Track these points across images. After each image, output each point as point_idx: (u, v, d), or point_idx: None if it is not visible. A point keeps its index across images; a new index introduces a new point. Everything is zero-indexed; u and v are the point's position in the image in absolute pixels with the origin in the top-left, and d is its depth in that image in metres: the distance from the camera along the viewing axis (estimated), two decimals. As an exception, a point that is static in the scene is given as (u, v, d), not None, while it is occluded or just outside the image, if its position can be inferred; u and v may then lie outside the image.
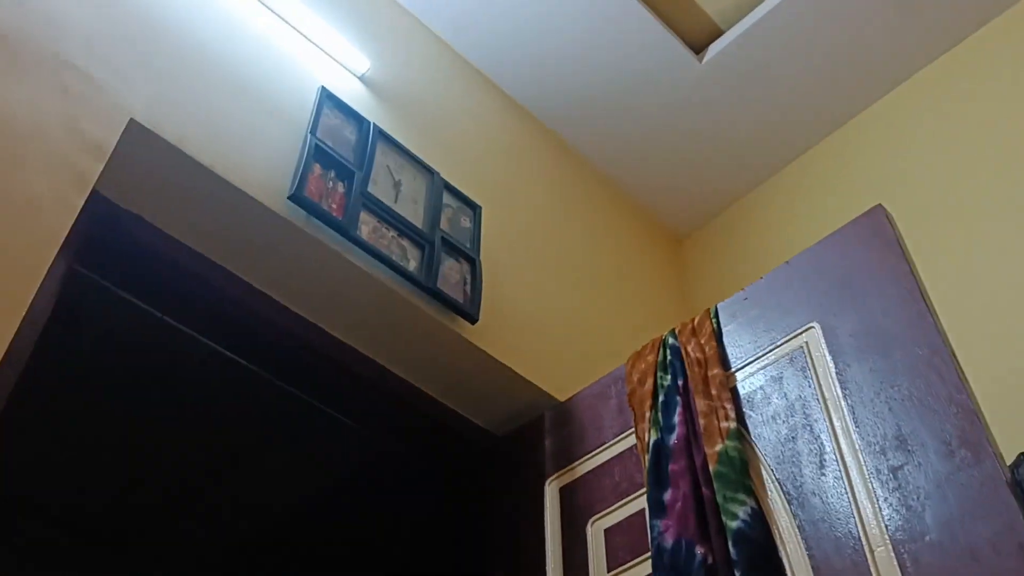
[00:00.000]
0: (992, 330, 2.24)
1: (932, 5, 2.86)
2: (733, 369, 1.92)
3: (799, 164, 3.29)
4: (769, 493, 1.71)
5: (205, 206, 1.92)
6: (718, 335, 1.99)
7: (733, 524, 1.65)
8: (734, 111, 3.17)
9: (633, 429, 2.01)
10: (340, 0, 2.58)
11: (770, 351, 1.87)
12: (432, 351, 2.22)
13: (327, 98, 2.22)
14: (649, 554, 1.77)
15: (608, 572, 1.90)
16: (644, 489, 1.87)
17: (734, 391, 1.88)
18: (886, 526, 1.50)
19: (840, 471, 1.62)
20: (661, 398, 1.95)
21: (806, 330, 1.83)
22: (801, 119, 3.18)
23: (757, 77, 3.08)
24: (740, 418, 1.83)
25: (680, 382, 1.95)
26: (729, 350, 1.96)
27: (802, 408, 1.75)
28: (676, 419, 1.88)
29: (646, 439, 1.92)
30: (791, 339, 1.85)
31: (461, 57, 2.95)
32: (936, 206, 2.62)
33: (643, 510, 1.86)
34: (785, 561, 1.61)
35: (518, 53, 3.00)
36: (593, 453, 2.11)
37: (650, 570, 1.75)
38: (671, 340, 2.06)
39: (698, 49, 3.09)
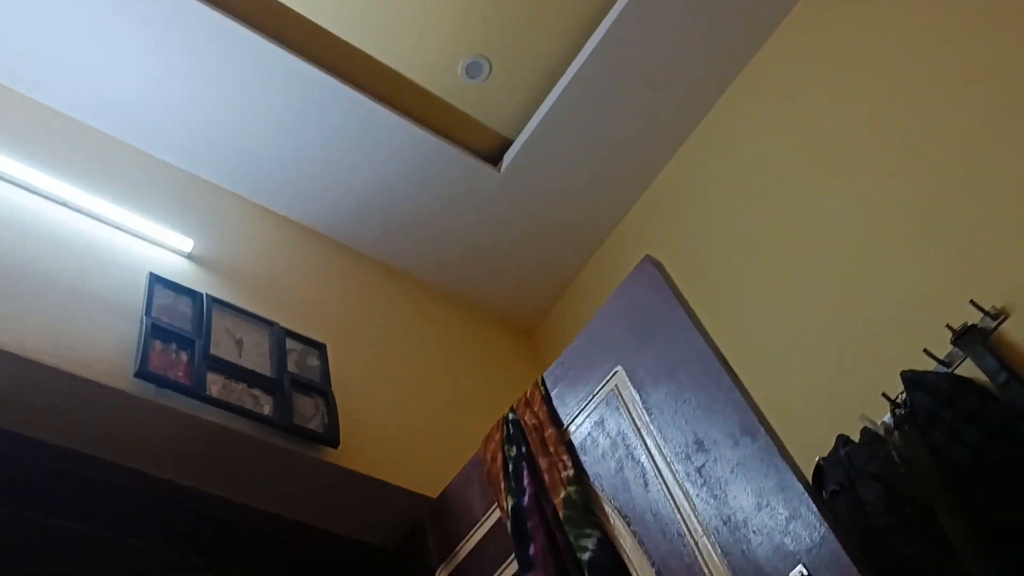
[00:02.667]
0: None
1: (678, 84, 3.29)
2: (565, 425, 2.16)
3: (611, 240, 3.64)
4: (612, 521, 1.93)
5: (59, 401, 2.09)
6: (547, 400, 2.24)
7: (585, 556, 1.87)
8: (541, 206, 3.51)
9: (496, 503, 2.22)
10: (158, 193, 2.83)
11: (590, 400, 2.12)
12: (304, 483, 2.40)
13: (156, 281, 2.44)
14: (530, 608, 1.96)
15: (500, 635, 2.08)
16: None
17: (568, 444, 2.12)
18: (702, 519, 1.74)
19: (660, 484, 1.86)
20: (510, 467, 2.17)
21: (613, 375, 2.09)
22: (601, 202, 3.54)
23: (553, 171, 3.43)
24: (577, 465, 2.06)
25: (524, 449, 2.18)
26: (559, 410, 2.21)
27: (623, 441, 1.99)
28: (525, 482, 2.10)
29: (506, 507, 2.13)
30: (604, 385, 2.11)
31: (281, 216, 3.20)
32: (713, 251, 3.10)
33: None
34: (634, 574, 1.83)
35: (336, 200, 3.27)
36: (469, 535, 2.30)
37: (533, 621, 1.94)
38: (511, 415, 2.29)
39: (495, 160, 3.43)
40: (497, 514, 2.23)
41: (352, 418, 2.57)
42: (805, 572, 1.51)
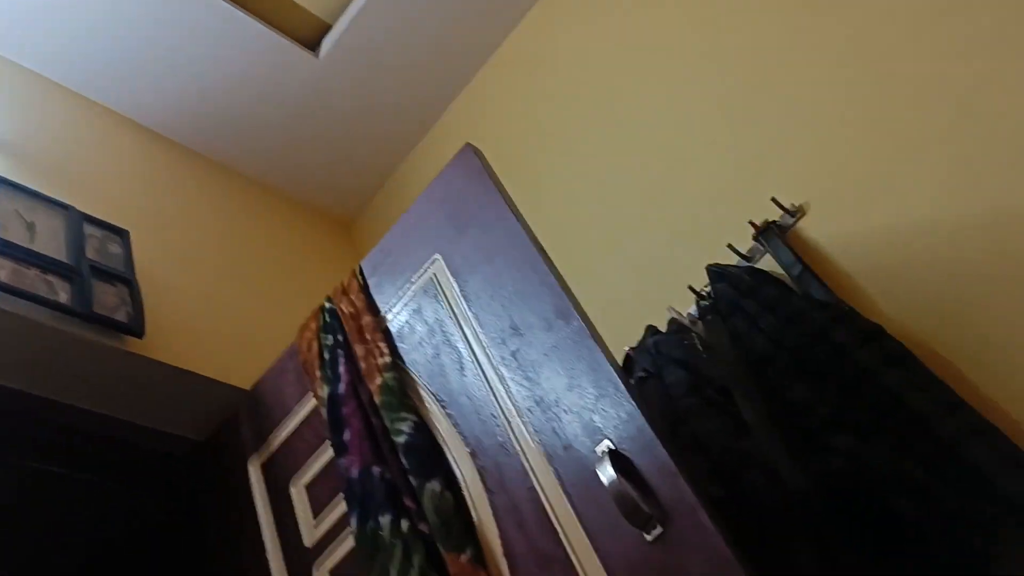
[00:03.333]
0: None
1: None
2: (382, 313, 2.14)
3: (434, 131, 3.60)
4: (428, 406, 1.95)
5: None
6: (365, 288, 2.21)
7: (400, 439, 1.88)
8: (362, 95, 3.42)
9: (312, 392, 2.19)
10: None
11: (408, 288, 2.11)
12: (108, 375, 2.28)
13: (-67, 157, 2.22)
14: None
15: (314, 518, 2.08)
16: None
17: (386, 332, 2.11)
18: (515, 400, 1.78)
19: (476, 369, 1.88)
20: (327, 356, 2.15)
21: (432, 263, 2.08)
22: (423, 91, 3.48)
23: (374, 59, 3.33)
24: (394, 352, 2.06)
25: (340, 337, 2.15)
26: (377, 298, 2.18)
27: (440, 328, 2.00)
28: (341, 369, 2.08)
29: (321, 395, 2.11)
30: (422, 274, 2.09)
31: (80, 96, 2.97)
32: (533, 143, 3.12)
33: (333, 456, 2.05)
34: (449, 455, 1.86)
35: (141, 81, 3.06)
36: (283, 424, 2.27)
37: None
38: (327, 304, 2.26)
39: (313, 46, 3.29)
40: (312, 403, 2.20)
41: (160, 308, 2.46)
42: (612, 445, 1.58)
